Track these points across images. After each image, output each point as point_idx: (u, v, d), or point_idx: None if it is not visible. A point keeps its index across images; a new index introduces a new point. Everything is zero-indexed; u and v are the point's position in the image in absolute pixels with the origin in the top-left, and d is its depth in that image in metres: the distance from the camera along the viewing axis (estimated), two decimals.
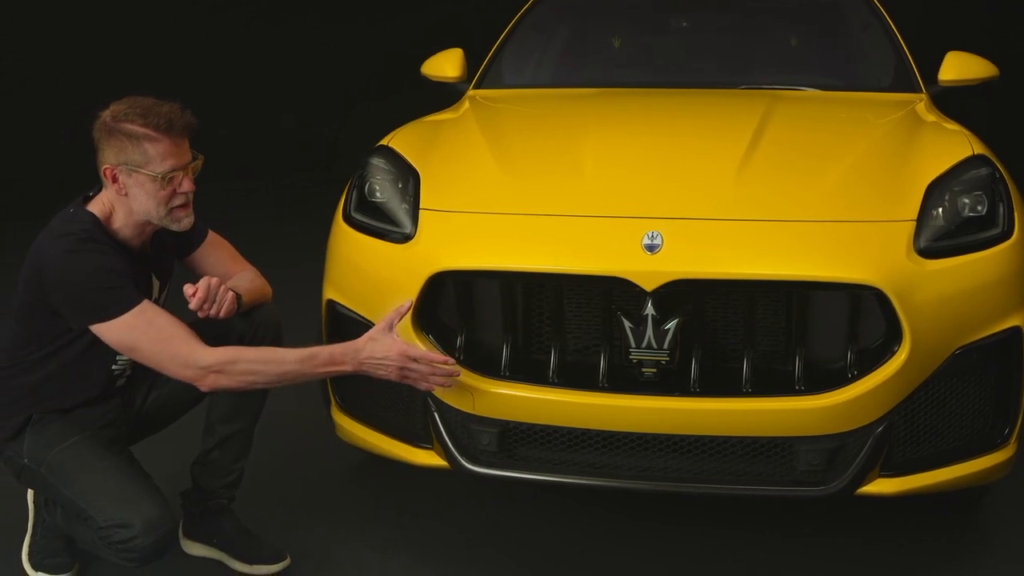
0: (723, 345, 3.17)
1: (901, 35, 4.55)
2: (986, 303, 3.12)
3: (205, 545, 3.36)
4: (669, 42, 4.86)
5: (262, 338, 3.20)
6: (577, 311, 3.21)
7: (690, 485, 3.12)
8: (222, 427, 3.27)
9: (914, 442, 3.14)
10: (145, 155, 2.90)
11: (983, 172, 3.30)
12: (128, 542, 2.85)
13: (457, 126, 3.88)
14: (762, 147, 3.44)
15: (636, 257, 3.05)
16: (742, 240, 3.09)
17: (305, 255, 4.44)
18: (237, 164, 8.68)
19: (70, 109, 3.83)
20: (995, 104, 5.81)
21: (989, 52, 4.51)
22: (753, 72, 4.45)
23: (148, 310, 2.90)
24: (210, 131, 3.32)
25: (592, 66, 4.76)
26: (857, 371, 3.06)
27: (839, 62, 4.58)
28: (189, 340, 2.90)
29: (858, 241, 3.07)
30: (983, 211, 3.21)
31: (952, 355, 3.09)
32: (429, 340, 3.22)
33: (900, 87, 4.30)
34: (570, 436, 3.16)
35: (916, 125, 3.75)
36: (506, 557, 3.38)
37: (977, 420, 3.19)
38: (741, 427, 3.07)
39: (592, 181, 3.34)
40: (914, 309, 3.01)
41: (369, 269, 3.37)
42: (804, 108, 4.04)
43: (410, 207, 3.37)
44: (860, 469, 3.07)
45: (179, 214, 2.99)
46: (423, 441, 3.34)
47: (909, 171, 3.32)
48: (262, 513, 3.54)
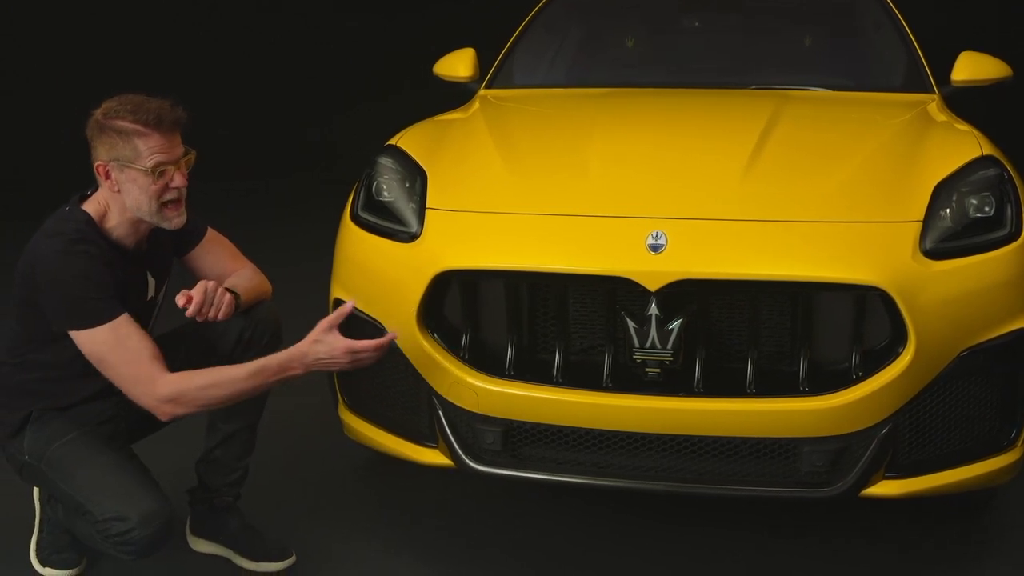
0: (728, 345, 3.16)
1: (916, 35, 4.53)
2: (993, 304, 3.10)
3: (211, 542, 3.38)
4: (680, 42, 4.85)
5: (260, 336, 3.21)
6: (581, 311, 3.21)
7: (694, 486, 3.11)
8: (224, 425, 3.28)
9: (919, 444, 3.12)
10: (135, 150, 2.91)
11: (991, 173, 3.28)
12: (125, 535, 2.87)
13: (465, 126, 3.88)
14: (769, 147, 3.43)
15: (640, 257, 3.04)
16: (747, 240, 3.08)
17: (305, 255, 4.45)
18: (237, 164, 8.74)
19: (70, 109, 3.84)
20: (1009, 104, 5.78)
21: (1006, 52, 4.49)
22: (764, 72, 4.43)
23: (123, 327, 2.90)
24: (210, 131, 3.34)
25: (603, 66, 4.75)
26: (862, 372, 3.05)
27: (850, 62, 4.55)
28: (152, 367, 2.89)
29: (863, 242, 3.06)
30: (991, 212, 3.19)
31: (958, 357, 3.07)
32: (435, 339, 3.23)
33: (912, 87, 4.28)
34: (574, 436, 3.15)
35: (926, 126, 3.73)
36: (509, 557, 3.39)
37: (983, 422, 3.17)
38: (745, 428, 3.06)
39: (597, 181, 3.34)
40: (919, 310, 3.00)
41: (375, 268, 3.37)
42: (813, 108, 4.03)
43: (417, 207, 3.38)
44: (865, 471, 3.06)
45: (170, 213, 2.99)
46: (428, 440, 3.35)
47: (917, 172, 3.30)
48: (267, 511, 3.55)
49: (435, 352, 3.22)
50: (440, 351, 3.22)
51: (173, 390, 2.88)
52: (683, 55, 4.77)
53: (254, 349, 3.19)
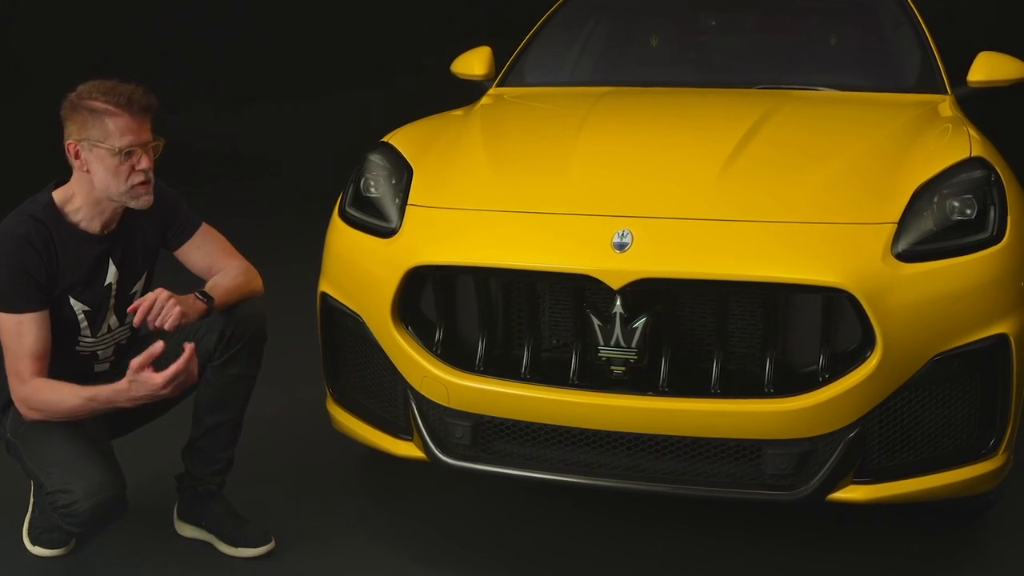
0: (695, 346, 3.15)
1: (937, 35, 4.44)
2: (968, 309, 3.04)
3: (195, 527, 3.46)
4: (693, 41, 4.83)
5: (243, 334, 3.27)
6: (551, 308, 3.23)
7: (660, 485, 3.11)
8: (207, 417, 3.35)
9: (890, 449, 3.08)
10: (105, 130, 3.01)
11: (976, 175, 3.21)
12: (70, 507, 2.96)
13: (460, 123, 3.91)
14: (752, 146, 3.40)
15: (604, 255, 3.05)
16: (714, 240, 3.07)
17: (302, 252, 4.51)
18: (240, 164, 8.84)
19: None
20: None
21: None
22: (773, 72, 4.39)
23: (27, 323, 3.04)
24: (211, 130, 3.41)
25: (614, 65, 4.75)
26: (829, 375, 3.02)
27: (863, 62, 4.49)
28: (28, 367, 3.03)
29: (832, 243, 3.03)
30: (972, 215, 3.13)
31: (931, 361, 3.02)
32: (409, 333, 3.27)
33: (924, 88, 4.20)
34: (542, 432, 3.18)
35: (924, 126, 3.66)
36: (485, 553, 3.41)
37: (959, 429, 3.11)
38: (708, 428, 3.05)
39: (575, 179, 3.35)
40: (887, 313, 2.96)
41: (355, 263, 3.43)
42: (811, 108, 3.98)
43: (401, 203, 3.42)
44: (831, 475, 3.03)
45: (139, 191, 3.08)
46: (405, 433, 3.39)
47: (901, 173, 3.25)
48: (254, 500, 3.60)
49: (408, 346, 3.26)
50: (413, 345, 3.26)
51: (27, 394, 3.05)
52: (694, 54, 4.76)
53: (236, 345, 3.27)
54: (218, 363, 3.27)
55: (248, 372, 3.34)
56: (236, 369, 3.30)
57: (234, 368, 3.29)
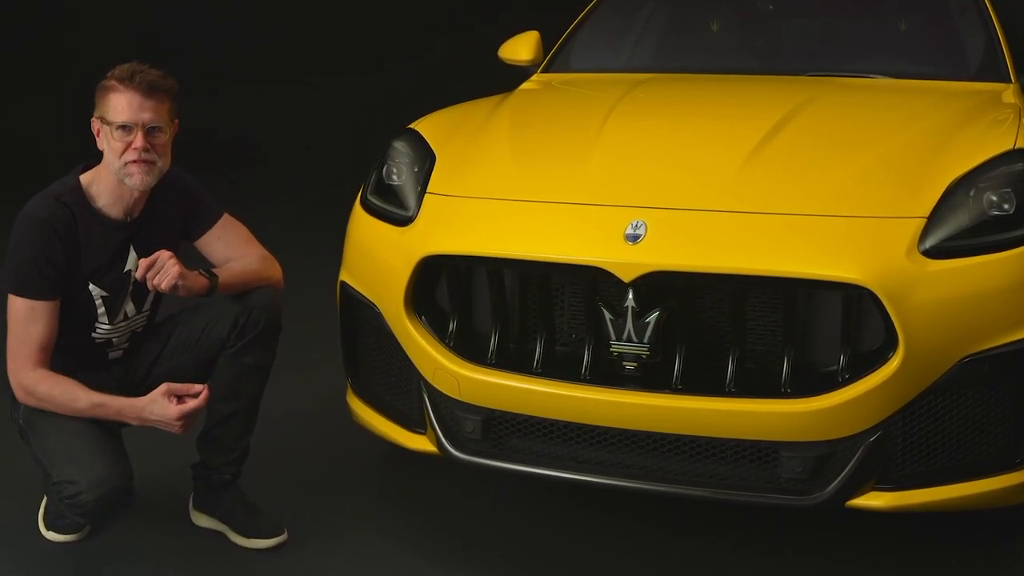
0: (711, 342, 3.02)
1: (1008, 21, 4.21)
2: (1001, 309, 2.87)
3: (209, 516, 3.43)
4: (744, 27, 4.65)
5: (256, 322, 3.23)
6: (564, 301, 3.13)
7: (670, 486, 3.00)
8: (222, 406, 3.32)
9: (915, 455, 2.92)
10: (108, 105, 3.06)
11: (1017, 167, 3.02)
12: (74, 497, 2.97)
13: (491, 110, 3.82)
14: (782, 136, 3.26)
15: (617, 247, 2.95)
16: (730, 233, 2.95)
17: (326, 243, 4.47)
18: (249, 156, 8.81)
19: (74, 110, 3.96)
20: None
21: None
22: (828, 58, 4.20)
23: (40, 310, 3.06)
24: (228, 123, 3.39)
25: (660, 50, 4.58)
26: (849, 375, 2.88)
27: (922, 48, 4.27)
28: (32, 354, 3.06)
29: (855, 237, 2.89)
30: (1010, 210, 2.95)
31: (958, 364, 2.85)
32: (422, 324, 3.21)
33: (986, 76, 3.96)
34: (553, 428, 3.09)
35: (974, 116, 3.46)
36: (513, 548, 3.33)
37: (991, 436, 2.94)
38: (722, 428, 2.94)
39: (594, 168, 3.25)
40: (910, 312, 2.81)
41: (373, 252, 3.38)
42: (855, 96, 3.80)
43: (421, 191, 3.36)
44: (849, 480, 2.89)
45: (131, 168, 3.07)
46: (418, 426, 3.33)
47: (937, 165, 3.08)
48: (270, 492, 3.56)
49: (420, 337, 3.20)
50: (426, 336, 3.20)
51: (30, 382, 3.07)
52: (743, 40, 4.58)
53: (250, 334, 3.23)
54: (231, 351, 3.24)
55: (262, 362, 3.30)
56: (250, 358, 3.26)
57: (248, 357, 3.26)
